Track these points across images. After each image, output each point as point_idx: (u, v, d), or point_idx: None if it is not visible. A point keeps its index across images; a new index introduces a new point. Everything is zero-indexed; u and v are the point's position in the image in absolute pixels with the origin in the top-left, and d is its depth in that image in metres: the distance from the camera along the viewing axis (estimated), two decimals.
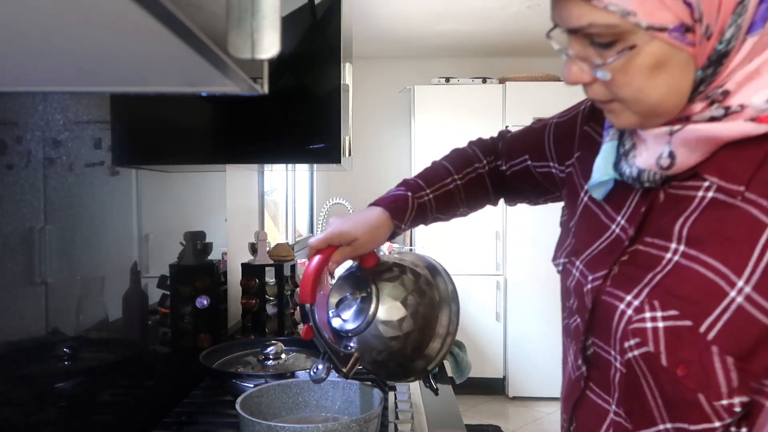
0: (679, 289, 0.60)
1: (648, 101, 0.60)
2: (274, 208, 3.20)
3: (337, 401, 0.96)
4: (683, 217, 0.62)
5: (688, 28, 0.56)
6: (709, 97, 0.59)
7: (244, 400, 0.90)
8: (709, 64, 0.58)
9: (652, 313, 0.61)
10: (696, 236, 0.60)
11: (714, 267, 0.58)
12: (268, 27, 0.46)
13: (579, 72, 0.62)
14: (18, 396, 0.84)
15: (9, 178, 0.81)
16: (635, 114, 0.62)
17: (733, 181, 0.58)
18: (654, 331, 0.60)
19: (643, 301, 0.62)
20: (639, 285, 0.63)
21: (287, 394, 0.96)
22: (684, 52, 0.57)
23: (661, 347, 0.60)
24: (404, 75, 4.71)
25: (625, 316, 0.64)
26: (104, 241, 1.08)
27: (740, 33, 0.56)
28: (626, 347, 0.64)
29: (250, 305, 1.63)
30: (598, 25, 0.57)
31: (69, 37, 0.44)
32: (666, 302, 0.60)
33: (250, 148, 1.20)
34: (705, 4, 0.55)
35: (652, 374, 0.62)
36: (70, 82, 0.63)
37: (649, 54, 0.57)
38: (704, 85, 0.59)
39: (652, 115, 0.62)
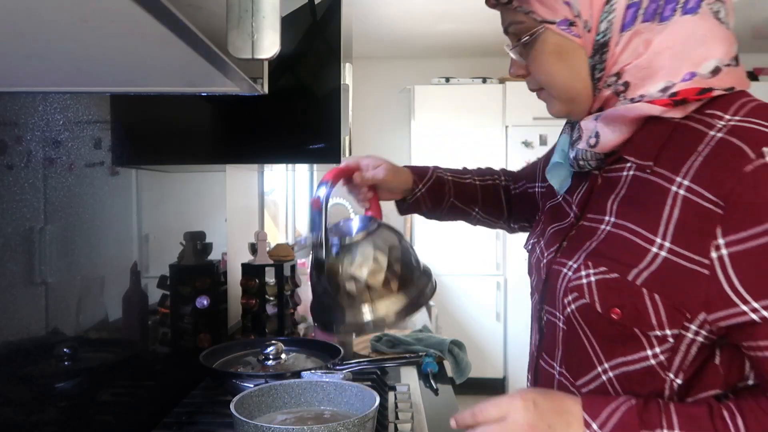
0: (608, 252, 0.72)
1: (558, 84, 0.77)
2: (274, 208, 3.20)
3: (337, 402, 0.96)
4: (614, 194, 0.75)
5: (572, 23, 0.73)
6: (609, 86, 0.74)
7: (240, 399, 0.90)
8: (594, 52, 0.73)
9: (587, 271, 0.73)
10: (622, 209, 0.74)
11: (636, 231, 0.70)
12: (268, 27, 0.47)
13: (516, 66, 0.82)
14: (18, 396, 0.84)
15: (9, 178, 0.81)
16: (557, 100, 0.79)
17: (644, 158, 0.72)
18: (588, 285, 0.73)
19: (580, 264, 0.75)
20: (578, 252, 0.76)
21: (289, 394, 0.96)
22: (573, 42, 0.74)
23: (595, 297, 0.72)
24: (404, 75, 4.71)
25: (567, 277, 0.76)
26: (104, 241, 1.08)
27: (613, 28, 0.71)
28: (566, 303, 0.76)
29: (250, 305, 1.63)
30: (514, 22, 0.78)
31: (69, 37, 0.44)
32: (597, 262, 0.73)
33: (250, 148, 1.20)
34: (581, 5, 0.71)
35: (589, 323, 0.74)
36: (70, 82, 0.63)
37: (550, 43, 0.75)
38: (597, 71, 0.74)
39: (569, 100, 0.78)
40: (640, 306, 0.68)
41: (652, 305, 0.68)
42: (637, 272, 0.69)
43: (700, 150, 0.66)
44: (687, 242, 0.66)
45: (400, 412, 1.23)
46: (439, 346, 1.79)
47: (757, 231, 0.62)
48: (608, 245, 0.73)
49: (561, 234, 0.83)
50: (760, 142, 0.63)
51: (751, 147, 0.63)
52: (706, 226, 0.64)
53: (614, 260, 0.71)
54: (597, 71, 0.74)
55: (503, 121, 4.28)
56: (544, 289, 0.83)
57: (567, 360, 0.79)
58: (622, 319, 0.69)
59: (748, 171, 0.62)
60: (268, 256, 1.68)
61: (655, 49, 0.70)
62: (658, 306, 0.67)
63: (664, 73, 0.70)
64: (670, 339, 0.68)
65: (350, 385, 0.96)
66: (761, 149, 0.62)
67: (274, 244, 1.76)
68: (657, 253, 0.68)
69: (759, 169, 0.62)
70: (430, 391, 1.47)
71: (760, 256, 0.62)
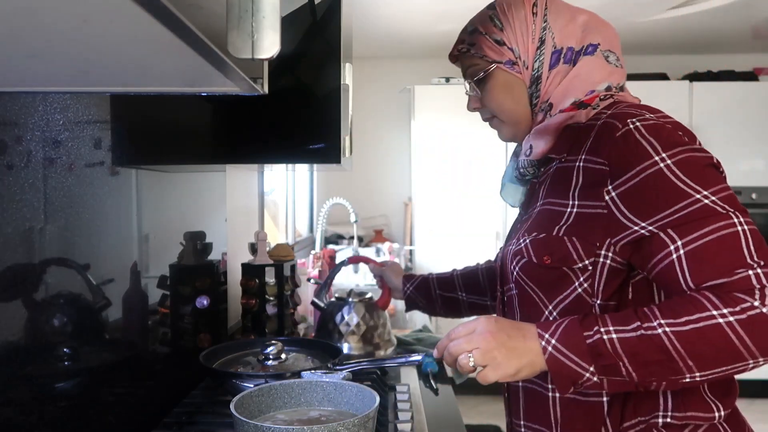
0: (537, 223, 0.97)
1: (506, 111, 1.04)
2: (274, 208, 3.20)
3: (337, 402, 0.96)
4: (543, 186, 1.00)
5: (514, 63, 1.01)
6: (542, 110, 1.01)
7: (240, 399, 0.90)
8: (531, 83, 1.01)
9: (524, 239, 0.97)
10: (548, 193, 0.98)
11: (555, 202, 0.95)
12: (268, 27, 0.47)
13: (473, 100, 1.08)
14: (18, 396, 0.84)
15: (9, 178, 0.81)
16: (506, 124, 1.06)
17: (559, 152, 0.97)
18: (525, 247, 0.96)
19: (519, 238, 0.99)
20: (518, 233, 1.01)
21: (289, 394, 0.96)
22: (516, 77, 1.01)
23: (531, 253, 0.95)
24: (404, 75, 4.71)
25: (511, 251, 1.01)
26: (104, 241, 1.08)
27: (543, 68, 0.99)
28: (512, 268, 0.99)
29: (250, 305, 1.63)
30: (471, 65, 1.04)
31: (69, 37, 0.44)
32: (530, 231, 0.97)
33: (250, 148, 1.20)
34: (521, 49, 1.00)
35: (530, 276, 0.96)
36: (70, 82, 0.63)
37: (499, 79, 1.02)
38: (535, 98, 1.01)
39: (515, 123, 1.04)
40: (563, 249, 0.91)
41: (571, 245, 0.90)
42: (558, 228, 0.92)
43: (591, 134, 0.93)
44: (588, 196, 0.90)
45: (400, 412, 1.23)
46: None
47: (632, 173, 0.85)
48: (537, 220, 0.97)
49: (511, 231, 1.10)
50: (625, 118, 0.89)
51: (619, 121, 0.89)
52: (598, 180, 0.89)
53: (541, 226, 0.95)
54: (534, 98, 1.01)
55: None
56: (501, 274, 1.06)
57: (523, 317, 0.99)
58: (552, 263, 0.92)
59: (618, 136, 0.88)
60: (268, 256, 1.68)
61: (568, 79, 0.98)
62: (575, 244, 0.90)
63: (574, 93, 0.98)
64: (589, 267, 0.90)
65: (350, 385, 0.96)
66: (626, 120, 0.88)
67: (274, 244, 1.76)
68: (570, 212, 0.92)
69: (625, 133, 0.87)
70: (430, 391, 1.47)
71: (637, 190, 0.85)
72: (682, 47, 4.45)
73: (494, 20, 1.01)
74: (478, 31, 1.02)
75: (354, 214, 2.92)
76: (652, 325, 0.80)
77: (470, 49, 1.03)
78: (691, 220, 0.82)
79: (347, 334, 1.54)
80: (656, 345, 0.80)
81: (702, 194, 0.82)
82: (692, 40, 4.26)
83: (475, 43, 1.02)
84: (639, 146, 0.86)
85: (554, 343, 0.84)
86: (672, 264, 0.83)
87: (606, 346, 0.81)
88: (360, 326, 1.55)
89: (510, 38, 1.00)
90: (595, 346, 0.82)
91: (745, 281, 0.78)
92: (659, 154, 0.85)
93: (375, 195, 4.86)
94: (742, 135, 4.20)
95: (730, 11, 3.61)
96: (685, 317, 0.79)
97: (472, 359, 0.86)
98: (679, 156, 0.85)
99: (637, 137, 0.86)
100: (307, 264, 2.67)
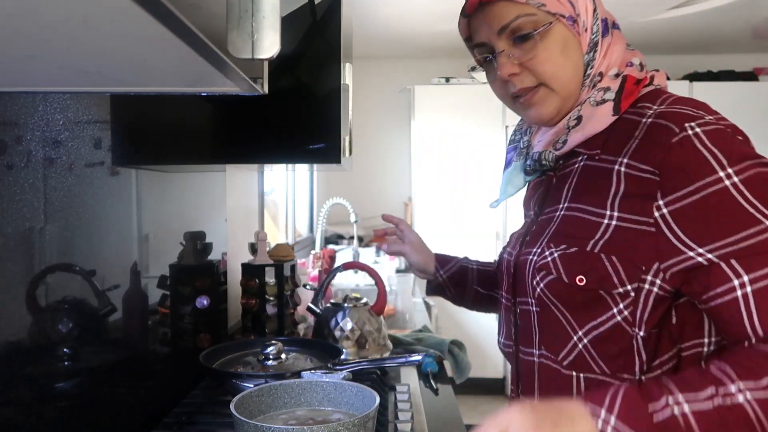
0: (565, 231, 0.84)
1: (562, 77, 0.84)
2: (274, 208, 3.20)
3: (337, 402, 0.96)
4: (567, 184, 0.88)
5: (575, 20, 0.84)
6: (593, 84, 0.85)
7: (240, 399, 0.90)
8: (589, 50, 0.85)
9: (550, 251, 0.84)
10: (575, 194, 0.86)
11: (587, 209, 0.82)
12: (268, 27, 0.47)
13: (510, 64, 0.85)
14: (18, 396, 0.84)
15: (9, 178, 0.81)
16: (555, 95, 0.85)
17: (593, 148, 0.84)
18: (553, 261, 0.83)
19: (543, 247, 0.85)
20: (540, 239, 0.87)
21: (289, 394, 0.96)
22: (575, 38, 0.84)
23: (561, 270, 0.82)
24: (404, 75, 4.71)
25: (533, 261, 0.87)
26: (104, 241, 1.08)
27: (599, 33, 0.85)
28: (535, 284, 0.85)
29: (250, 305, 1.63)
30: (522, 15, 0.82)
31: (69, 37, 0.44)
32: (558, 242, 0.83)
33: (250, 148, 1.20)
34: (580, 8, 0.84)
35: (558, 296, 0.83)
36: (70, 82, 0.63)
37: (559, 36, 0.83)
38: (589, 68, 0.85)
39: (567, 96, 0.86)
40: (601, 269, 0.78)
41: (611, 266, 0.78)
42: (593, 243, 0.79)
43: (636, 134, 0.80)
44: (632, 209, 0.77)
45: (400, 412, 1.23)
46: (439, 346, 1.79)
47: (690, 189, 0.73)
48: (564, 227, 0.84)
49: (522, 233, 0.96)
50: (682, 120, 0.76)
51: (675, 123, 0.76)
52: (646, 192, 0.76)
53: (571, 237, 0.82)
54: (589, 68, 0.85)
55: (503, 121, 4.28)
56: (515, 282, 0.93)
57: (545, 339, 0.86)
58: (587, 284, 0.79)
59: (675, 142, 0.75)
60: (268, 256, 1.68)
61: (611, 50, 0.86)
62: (616, 265, 0.77)
63: (616, 65, 0.86)
64: (631, 293, 0.77)
65: (350, 385, 0.96)
66: (683, 125, 0.75)
67: (274, 244, 1.76)
68: (608, 224, 0.79)
69: (683, 140, 0.74)
70: (430, 391, 1.47)
71: (696, 210, 0.73)
72: (682, 47, 4.45)
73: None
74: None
75: (354, 214, 2.92)
76: (729, 391, 0.66)
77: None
78: (759, 252, 0.70)
79: (341, 339, 1.54)
80: (739, 418, 0.65)
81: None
82: (692, 40, 4.26)
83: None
84: (700, 157, 0.73)
85: (614, 423, 0.66)
86: (736, 302, 0.71)
87: (679, 424, 0.66)
88: (354, 331, 1.55)
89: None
90: (666, 425, 0.66)
91: None
92: (725, 169, 0.72)
93: (375, 195, 4.86)
94: None
95: (730, 11, 3.61)
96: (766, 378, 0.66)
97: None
98: (747, 172, 0.72)
99: (698, 146, 0.73)
100: (307, 264, 2.67)
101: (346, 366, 1.25)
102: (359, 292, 2.06)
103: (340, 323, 1.56)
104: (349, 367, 1.25)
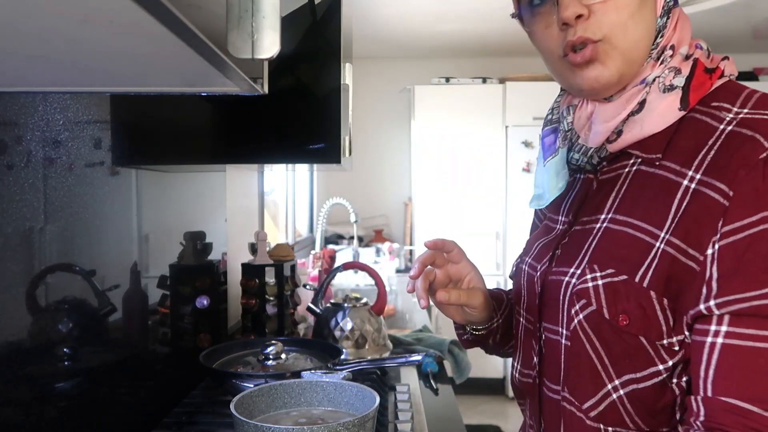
0: (612, 251, 0.69)
1: (630, 36, 0.69)
2: (274, 208, 3.20)
3: (337, 402, 0.96)
4: (614, 192, 0.73)
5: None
6: (659, 58, 0.71)
7: (240, 399, 0.90)
8: (663, 13, 0.71)
9: (593, 274, 0.69)
10: (624, 204, 0.71)
11: (640, 227, 0.68)
12: (268, 27, 0.46)
13: (577, 3, 0.69)
14: (18, 396, 0.84)
15: (9, 178, 0.81)
16: (621, 57, 0.70)
17: (651, 151, 0.70)
18: (595, 289, 0.68)
19: (584, 269, 0.70)
20: (578, 257, 0.72)
21: (289, 394, 0.96)
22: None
23: (602, 302, 0.67)
24: (404, 75, 4.71)
25: (570, 285, 0.72)
26: (104, 241, 1.08)
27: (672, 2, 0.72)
28: (573, 313, 0.71)
29: (250, 305, 1.63)
30: None
31: (69, 37, 0.44)
32: (603, 264, 0.69)
33: (250, 148, 1.20)
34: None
35: (597, 334, 0.68)
36: (70, 82, 0.63)
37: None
38: (659, 37, 0.71)
39: (630, 61, 0.70)
40: (648, 311, 0.65)
41: (661, 311, 0.65)
42: (643, 272, 0.66)
43: (712, 143, 0.66)
44: (688, 237, 0.64)
45: (400, 412, 1.23)
46: (439, 346, 1.79)
47: (753, 219, 0.60)
48: (610, 244, 0.70)
49: (552, 244, 0.79)
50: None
51: (764, 136, 0.62)
52: (709, 219, 0.63)
53: (621, 260, 0.68)
54: (659, 36, 0.71)
55: (503, 121, 4.28)
56: (541, 304, 0.78)
57: (571, 381, 0.73)
58: (629, 327, 0.66)
59: (762, 159, 0.61)
60: (268, 256, 1.68)
61: (681, 25, 0.72)
62: (666, 311, 0.65)
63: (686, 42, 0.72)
64: (676, 347, 0.65)
65: (350, 385, 0.95)
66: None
67: (274, 244, 1.76)
68: (659, 248, 0.65)
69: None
70: (430, 391, 1.47)
71: (742, 249, 0.61)
72: None
73: None
74: None
75: (354, 214, 2.92)
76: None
77: None
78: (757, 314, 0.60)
79: (341, 339, 1.54)
80: None
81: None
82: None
83: None
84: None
85: None
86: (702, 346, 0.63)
87: None
88: (354, 331, 1.55)
89: None
90: None
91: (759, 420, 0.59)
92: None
93: (375, 195, 4.86)
94: None
95: (730, 11, 3.61)
96: None
97: None
98: None
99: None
100: (307, 264, 2.67)
101: (346, 366, 1.25)
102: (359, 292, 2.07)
103: (340, 323, 1.56)
104: (349, 367, 1.25)
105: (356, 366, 1.27)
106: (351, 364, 1.27)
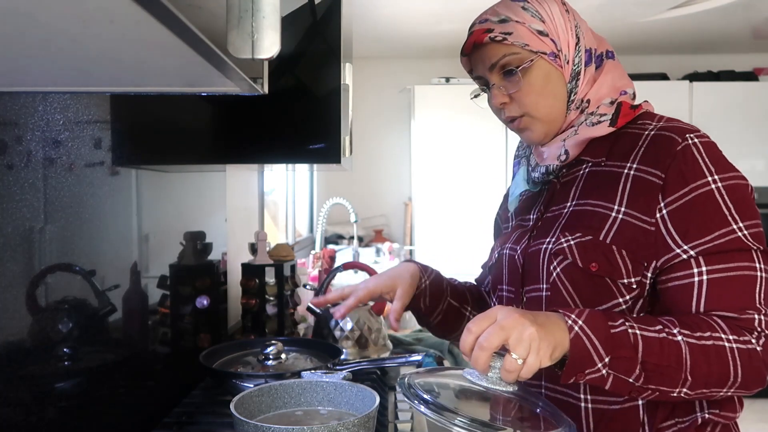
0: (578, 222, 0.93)
1: (544, 106, 0.96)
2: (274, 208, 3.20)
3: (337, 402, 0.96)
4: (574, 187, 0.97)
5: (556, 55, 0.95)
6: (578, 108, 0.97)
7: (240, 399, 0.90)
8: (571, 79, 0.97)
9: (566, 238, 0.93)
10: (584, 193, 0.95)
11: (599, 204, 0.92)
12: (268, 27, 0.47)
13: (500, 95, 0.98)
14: (18, 396, 0.84)
15: (9, 178, 0.81)
16: (540, 122, 0.97)
17: (598, 156, 0.95)
18: (569, 248, 0.92)
19: (558, 236, 0.94)
20: (552, 230, 0.96)
21: (289, 394, 0.96)
22: (558, 70, 0.96)
23: (576, 255, 0.91)
24: (404, 75, 4.71)
25: (548, 250, 0.95)
26: (104, 241, 1.08)
27: (581, 63, 0.97)
28: (551, 269, 0.94)
29: (250, 305, 1.63)
30: (508, 54, 0.94)
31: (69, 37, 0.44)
32: (573, 231, 0.93)
33: (250, 148, 1.20)
34: (561, 43, 0.95)
35: (572, 281, 0.91)
36: (70, 82, 0.63)
37: (542, 70, 0.95)
38: (573, 94, 0.97)
39: (551, 121, 0.97)
40: (612, 260, 0.89)
41: (620, 258, 0.88)
42: (605, 233, 0.90)
43: (641, 143, 0.92)
44: (638, 207, 0.88)
45: (400, 412, 1.23)
46: (439, 346, 1.79)
47: (685, 190, 0.86)
48: (576, 218, 0.94)
49: (528, 231, 1.02)
50: (683, 132, 0.89)
51: (677, 135, 0.89)
52: (651, 194, 0.88)
53: (585, 227, 0.92)
54: (572, 94, 0.97)
55: None
56: (523, 273, 0.99)
57: None
58: (599, 271, 0.89)
59: (679, 149, 0.88)
60: (268, 256, 1.68)
61: (603, 78, 0.97)
62: (625, 258, 0.88)
63: (610, 93, 0.97)
64: (634, 285, 0.89)
65: (350, 385, 0.96)
66: (685, 135, 0.89)
67: (274, 244, 1.76)
68: (616, 217, 0.90)
69: (685, 148, 0.88)
70: None
71: (686, 210, 0.86)
72: (682, 47, 4.45)
73: (530, 11, 0.95)
74: (512, 20, 0.94)
75: (354, 214, 2.92)
76: (672, 331, 0.82)
77: (506, 38, 0.94)
78: (722, 250, 0.85)
79: (341, 339, 1.54)
80: (674, 352, 0.81)
81: (737, 226, 0.85)
82: (692, 40, 4.26)
83: (512, 32, 0.94)
84: (696, 164, 0.87)
85: (581, 324, 0.80)
86: (691, 286, 0.86)
87: (629, 339, 0.81)
88: (354, 331, 1.55)
89: (551, 30, 0.95)
90: (619, 337, 0.80)
91: (750, 322, 0.84)
92: (712, 175, 0.86)
93: (375, 195, 4.86)
94: (742, 135, 4.19)
95: (730, 11, 3.61)
96: (699, 332, 0.82)
97: (516, 357, 0.76)
98: (729, 181, 0.87)
99: (695, 154, 0.87)
100: (307, 264, 2.67)
101: (346, 366, 1.25)
102: None
103: (340, 323, 1.56)
104: (349, 367, 1.25)
105: (356, 366, 1.27)
106: (351, 364, 1.27)
